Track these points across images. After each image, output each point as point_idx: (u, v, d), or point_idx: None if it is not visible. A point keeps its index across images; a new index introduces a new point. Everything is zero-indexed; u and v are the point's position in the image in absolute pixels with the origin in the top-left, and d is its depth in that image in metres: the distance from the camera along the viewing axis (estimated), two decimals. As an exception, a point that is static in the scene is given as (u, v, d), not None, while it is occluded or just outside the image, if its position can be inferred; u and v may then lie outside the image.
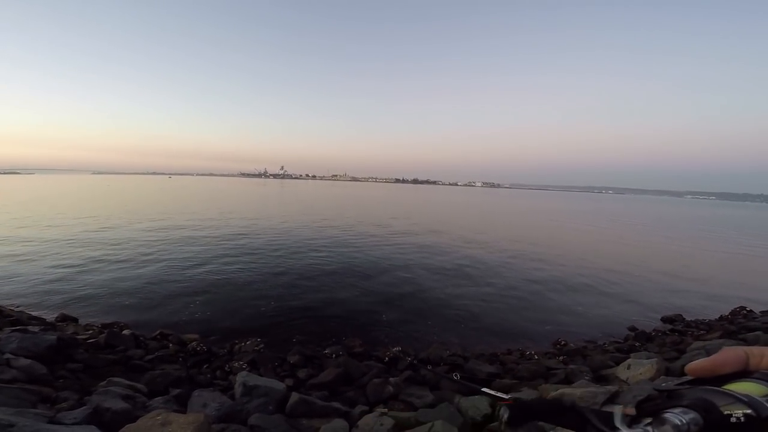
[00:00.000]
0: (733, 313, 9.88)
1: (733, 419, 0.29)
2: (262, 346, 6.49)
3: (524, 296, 10.76)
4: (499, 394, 0.68)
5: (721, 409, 0.29)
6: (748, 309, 10.03)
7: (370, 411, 4.21)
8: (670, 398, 0.34)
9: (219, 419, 3.68)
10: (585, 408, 0.40)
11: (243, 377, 4.34)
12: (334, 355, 6.29)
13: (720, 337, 7.10)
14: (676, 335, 8.10)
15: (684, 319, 9.34)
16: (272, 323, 7.91)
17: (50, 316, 7.48)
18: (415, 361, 6.20)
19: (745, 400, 0.29)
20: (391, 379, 5.31)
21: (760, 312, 9.90)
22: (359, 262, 13.63)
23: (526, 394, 4.72)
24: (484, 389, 0.83)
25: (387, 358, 6.32)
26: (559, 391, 4.44)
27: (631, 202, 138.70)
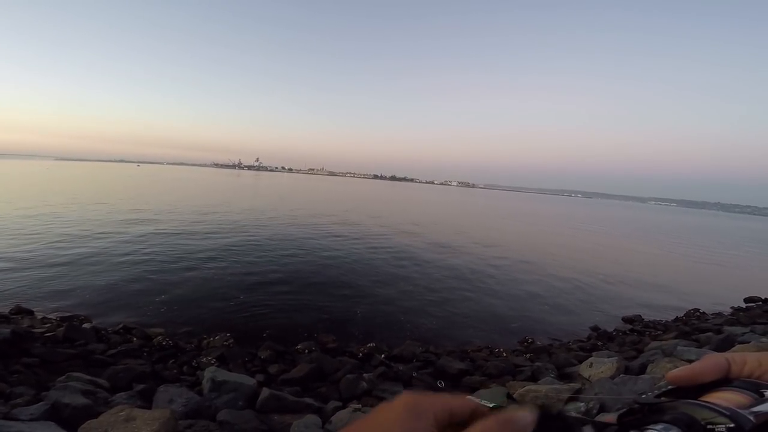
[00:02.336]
0: (688, 314, 10.48)
1: None
2: (231, 341, 6.35)
3: (493, 294, 11.02)
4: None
5: (703, 423, 0.28)
6: (701, 311, 10.70)
7: (344, 407, 4.23)
8: (652, 413, 0.32)
9: (186, 415, 3.59)
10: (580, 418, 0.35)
11: (211, 372, 4.25)
12: (306, 351, 6.24)
13: (675, 338, 7.51)
14: (635, 335, 8.51)
15: (643, 319, 9.82)
16: (242, 318, 7.75)
17: (3, 309, 7.05)
18: (387, 361, 6.24)
19: (727, 413, 0.28)
20: (364, 374, 5.33)
21: (712, 314, 10.58)
22: (333, 257, 13.54)
23: (495, 391, 4.85)
24: (469, 398, 0.83)
25: (361, 354, 6.34)
26: (526, 388, 4.59)
27: (599, 206, 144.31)
